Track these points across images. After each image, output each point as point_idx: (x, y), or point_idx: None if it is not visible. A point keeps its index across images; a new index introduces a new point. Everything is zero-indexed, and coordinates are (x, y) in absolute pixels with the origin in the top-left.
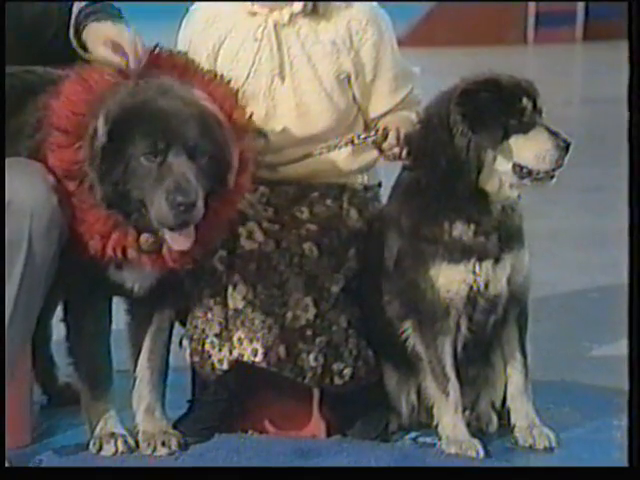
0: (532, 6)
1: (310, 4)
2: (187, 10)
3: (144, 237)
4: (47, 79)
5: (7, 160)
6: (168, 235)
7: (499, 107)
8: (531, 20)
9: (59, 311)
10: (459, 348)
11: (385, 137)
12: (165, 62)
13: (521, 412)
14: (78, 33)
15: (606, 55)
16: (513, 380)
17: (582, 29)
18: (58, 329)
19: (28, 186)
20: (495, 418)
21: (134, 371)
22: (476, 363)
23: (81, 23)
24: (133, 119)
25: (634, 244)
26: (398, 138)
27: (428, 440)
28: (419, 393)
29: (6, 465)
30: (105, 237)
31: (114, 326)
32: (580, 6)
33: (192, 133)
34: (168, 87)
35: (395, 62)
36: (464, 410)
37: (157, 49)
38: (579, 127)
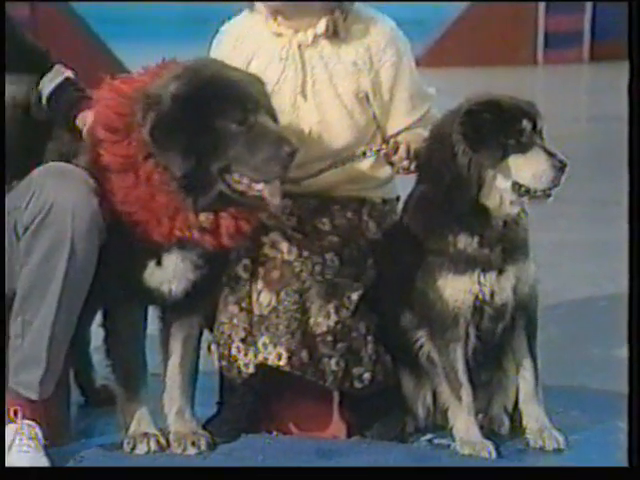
0: (541, 28)
1: (331, 26)
2: (217, 31)
3: (204, 216)
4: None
5: (47, 165)
6: (267, 190)
7: (499, 128)
8: (540, 41)
9: (98, 317)
10: (470, 354)
11: (396, 151)
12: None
13: (532, 415)
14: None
15: (611, 75)
16: (524, 385)
17: (589, 50)
18: (96, 334)
19: (69, 188)
20: (507, 421)
21: (165, 375)
22: (488, 368)
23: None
24: (214, 92)
25: (633, 255)
26: (408, 152)
27: (443, 441)
28: (434, 397)
29: (6, 465)
30: (172, 219)
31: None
32: (587, 28)
33: (265, 96)
34: (219, 62)
35: (412, 82)
36: (477, 413)
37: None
38: (586, 143)
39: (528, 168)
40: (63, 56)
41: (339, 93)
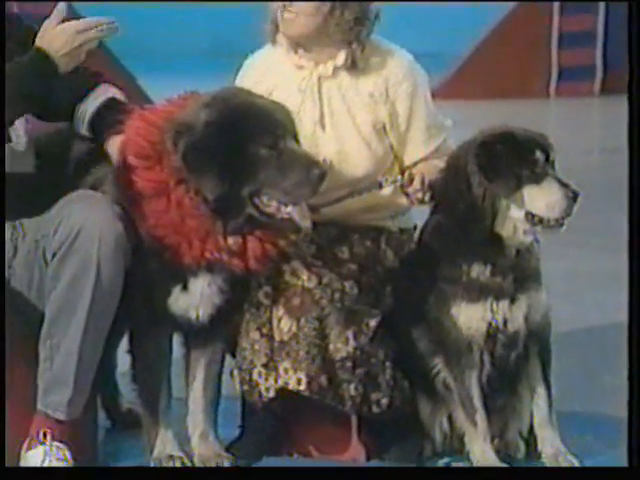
0: (554, 61)
1: (350, 58)
2: (241, 65)
3: (232, 239)
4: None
5: (74, 193)
6: (296, 212)
7: (513, 159)
8: (553, 74)
9: (124, 343)
10: (484, 381)
11: (410, 182)
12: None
13: (547, 440)
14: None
15: (623, 108)
16: (538, 410)
17: (600, 83)
18: (123, 359)
19: (95, 215)
20: (523, 445)
21: (189, 399)
22: (503, 394)
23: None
24: (244, 119)
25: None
26: (422, 183)
27: (460, 465)
28: (451, 421)
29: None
30: (203, 242)
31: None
32: (599, 62)
33: (291, 122)
34: (245, 90)
35: (428, 114)
36: (493, 438)
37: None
38: (598, 175)
39: (542, 198)
40: None
41: (357, 124)
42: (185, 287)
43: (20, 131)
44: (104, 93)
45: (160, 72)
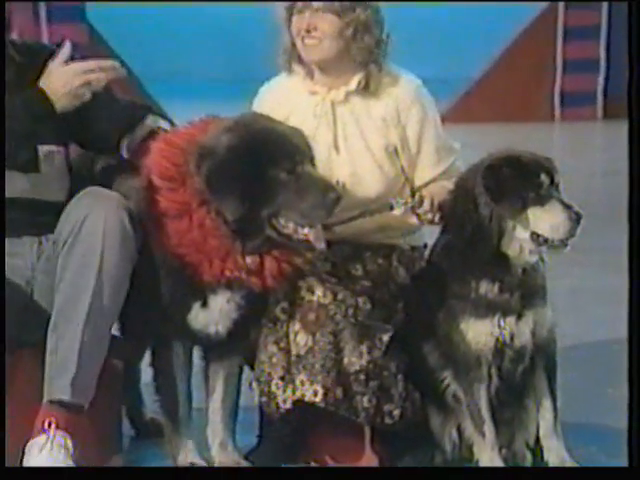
0: (558, 87)
1: (363, 82)
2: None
3: (250, 258)
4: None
5: (84, 190)
6: (312, 234)
7: (519, 181)
8: (557, 100)
9: (147, 356)
10: (492, 393)
11: (421, 203)
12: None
13: (553, 450)
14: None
15: (624, 132)
16: (544, 422)
17: (602, 108)
18: (145, 372)
19: (101, 205)
20: (529, 455)
21: (209, 410)
22: (510, 406)
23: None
24: (265, 144)
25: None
26: (432, 205)
27: None
28: (460, 432)
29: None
30: (223, 260)
31: None
32: (600, 88)
33: (309, 147)
34: (265, 116)
35: (437, 137)
36: (501, 448)
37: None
38: (600, 197)
39: (546, 219)
40: None
41: (369, 147)
42: (205, 304)
43: (56, 160)
44: (152, 124)
45: (180, 96)
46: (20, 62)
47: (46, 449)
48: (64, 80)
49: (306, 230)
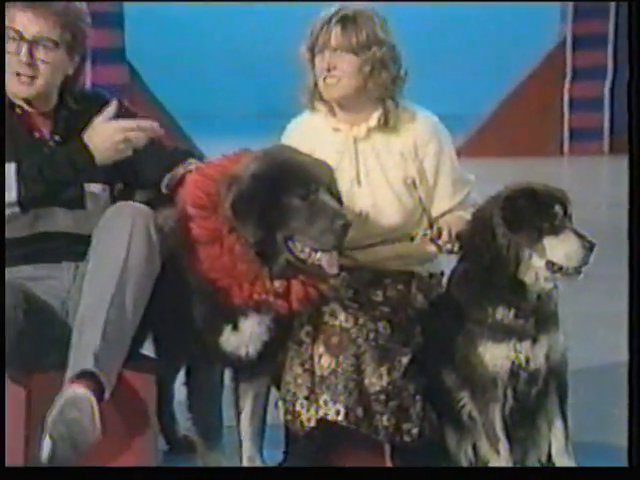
0: (566, 123)
1: (382, 118)
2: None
3: (278, 282)
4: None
5: (118, 203)
6: (325, 260)
7: (535, 213)
8: (566, 135)
9: (181, 376)
10: (507, 413)
11: (439, 234)
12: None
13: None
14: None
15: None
16: (556, 441)
17: (609, 144)
18: (179, 391)
19: (129, 214)
20: None
21: (238, 427)
22: (523, 426)
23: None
24: (283, 173)
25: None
26: (450, 235)
27: None
28: (475, 450)
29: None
30: (252, 284)
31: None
32: (606, 125)
33: (328, 177)
34: (292, 148)
35: (453, 170)
36: (514, 465)
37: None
38: (607, 227)
39: (561, 248)
40: None
41: (389, 180)
42: (236, 327)
43: (102, 198)
44: (189, 166)
45: (214, 132)
46: (76, 109)
47: (72, 398)
48: (106, 136)
49: (319, 255)
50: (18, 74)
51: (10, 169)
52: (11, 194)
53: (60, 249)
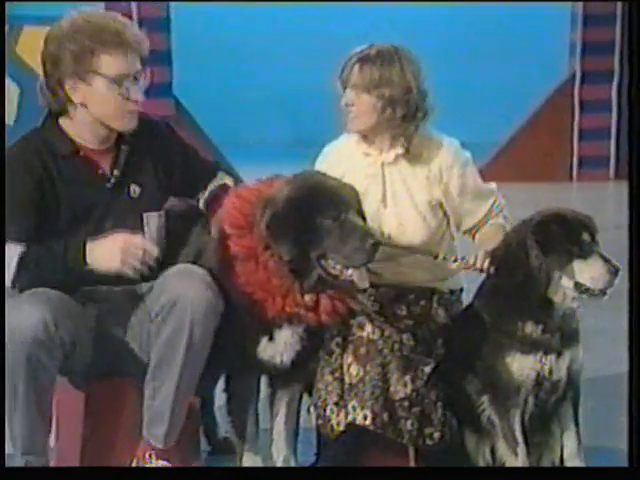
0: (575, 152)
1: (407, 145)
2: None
3: (308, 296)
4: (203, 217)
5: (175, 267)
6: (356, 275)
7: (565, 238)
8: (575, 162)
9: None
10: (526, 419)
11: (471, 265)
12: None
13: None
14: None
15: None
16: (569, 445)
17: (614, 171)
18: (219, 397)
19: (189, 287)
20: None
21: (273, 430)
22: (540, 431)
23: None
24: (316, 195)
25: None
26: (482, 263)
27: None
28: (493, 452)
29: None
30: (285, 298)
31: None
32: (612, 153)
33: (356, 199)
34: (321, 173)
35: (476, 186)
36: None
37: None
38: (613, 247)
39: (589, 271)
40: None
41: (415, 202)
42: (271, 337)
43: (159, 223)
44: (221, 180)
45: (251, 159)
46: (131, 141)
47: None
48: (108, 246)
49: (350, 271)
50: (127, 112)
51: (14, 254)
52: (9, 276)
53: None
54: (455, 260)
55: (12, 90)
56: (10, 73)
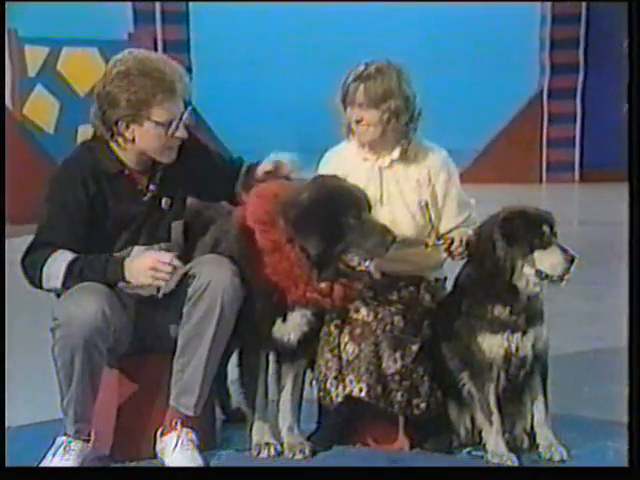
0: (544, 157)
1: (402, 151)
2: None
3: (325, 284)
4: (221, 212)
5: (206, 256)
6: (372, 266)
7: (527, 231)
8: (544, 167)
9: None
10: (500, 391)
11: (451, 242)
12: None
13: (543, 435)
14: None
15: (594, 192)
16: (538, 414)
17: (579, 174)
18: (232, 371)
19: (220, 274)
20: (526, 439)
21: (280, 401)
22: (512, 402)
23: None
24: (338, 197)
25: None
26: (461, 242)
27: (479, 454)
28: (472, 421)
29: (6, 465)
30: (306, 284)
31: None
32: (577, 159)
33: (367, 199)
34: (336, 176)
35: (458, 195)
36: (504, 433)
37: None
38: (577, 240)
39: (548, 260)
40: None
41: (406, 202)
42: (284, 319)
43: (182, 228)
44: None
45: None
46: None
47: (178, 446)
48: (142, 263)
49: (367, 263)
50: (170, 147)
51: (64, 260)
52: (57, 282)
53: None
54: (439, 239)
55: (53, 104)
56: (52, 89)
